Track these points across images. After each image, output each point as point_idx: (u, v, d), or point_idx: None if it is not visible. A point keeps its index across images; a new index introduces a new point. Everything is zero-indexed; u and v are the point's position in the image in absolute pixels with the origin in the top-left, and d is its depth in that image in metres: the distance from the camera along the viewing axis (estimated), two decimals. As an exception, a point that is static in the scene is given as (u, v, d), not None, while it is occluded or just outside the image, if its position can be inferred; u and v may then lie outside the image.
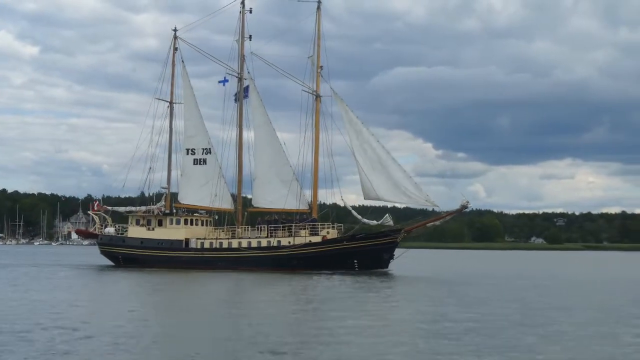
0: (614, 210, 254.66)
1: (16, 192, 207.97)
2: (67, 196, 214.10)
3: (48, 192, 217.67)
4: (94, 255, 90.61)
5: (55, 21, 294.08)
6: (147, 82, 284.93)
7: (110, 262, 61.23)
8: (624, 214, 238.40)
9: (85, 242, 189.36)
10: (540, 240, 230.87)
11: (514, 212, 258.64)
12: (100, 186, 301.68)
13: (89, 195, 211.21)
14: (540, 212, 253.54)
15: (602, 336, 20.99)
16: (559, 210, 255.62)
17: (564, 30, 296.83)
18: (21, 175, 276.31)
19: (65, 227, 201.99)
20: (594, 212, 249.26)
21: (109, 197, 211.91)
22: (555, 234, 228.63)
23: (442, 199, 75.15)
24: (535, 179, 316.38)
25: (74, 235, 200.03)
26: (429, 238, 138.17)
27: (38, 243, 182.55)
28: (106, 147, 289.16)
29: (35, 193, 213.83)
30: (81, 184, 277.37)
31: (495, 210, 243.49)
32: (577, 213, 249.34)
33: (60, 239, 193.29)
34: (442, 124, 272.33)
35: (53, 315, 24.44)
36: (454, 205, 52.98)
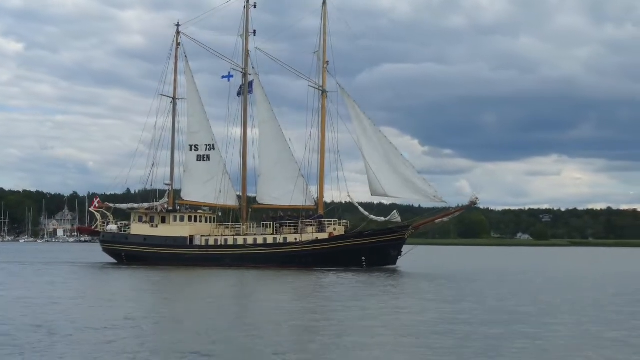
0: (599, 206, 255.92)
1: (1, 189, 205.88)
2: (53, 193, 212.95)
3: (33, 189, 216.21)
4: (86, 252, 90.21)
5: (40, 18, 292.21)
6: (133, 78, 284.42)
7: (112, 260, 60.47)
8: (609, 210, 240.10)
9: (71, 239, 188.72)
10: (526, 237, 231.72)
11: (500, 208, 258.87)
12: (86, 183, 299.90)
13: (75, 193, 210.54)
14: (526, 208, 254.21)
15: None
16: (545, 207, 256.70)
17: (550, 27, 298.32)
18: (7, 173, 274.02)
19: (51, 224, 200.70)
20: (580, 208, 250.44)
21: (94, 194, 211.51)
22: (541, 230, 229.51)
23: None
24: (522, 176, 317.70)
25: (60, 232, 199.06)
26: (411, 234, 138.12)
27: (24, 240, 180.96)
28: (92, 144, 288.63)
29: (21, 190, 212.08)
30: (67, 181, 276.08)
31: (481, 206, 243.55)
32: (563, 209, 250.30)
33: (45, 236, 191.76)
34: (429, 121, 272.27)
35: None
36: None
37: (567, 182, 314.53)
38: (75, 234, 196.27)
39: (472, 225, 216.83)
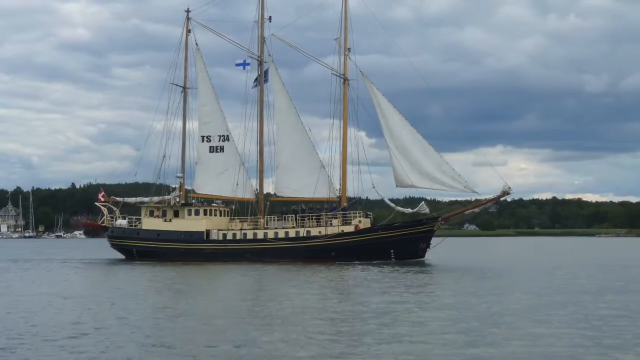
0: (545, 196, 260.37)
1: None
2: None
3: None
4: (64, 248, 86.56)
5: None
6: (76, 72, 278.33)
7: (120, 256, 57.62)
8: (554, 199, 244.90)
9: (15, 235, 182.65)
10: (472, 227, 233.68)
11: (447, 199, 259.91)
12: (30, 178, 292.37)
13: (18, 188, 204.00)
14: (473, 198, 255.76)
15: None
16: (491, 197, 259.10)
17: (495, 19, 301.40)
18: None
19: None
20: (526, 198, 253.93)
21: (39, 189, 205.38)
22: (488, 220, 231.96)
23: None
24: (469, 166, 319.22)
25: (4, 228, 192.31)
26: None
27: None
28: (36, 139, 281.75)
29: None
30: (10, 175, 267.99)
31: (428, 197, 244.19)
32: (509, 199, 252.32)
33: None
34: (375, 113, 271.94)
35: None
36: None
37: (513, 172, 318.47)
38: (19, 229, 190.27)
39: (419, 216, 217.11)
